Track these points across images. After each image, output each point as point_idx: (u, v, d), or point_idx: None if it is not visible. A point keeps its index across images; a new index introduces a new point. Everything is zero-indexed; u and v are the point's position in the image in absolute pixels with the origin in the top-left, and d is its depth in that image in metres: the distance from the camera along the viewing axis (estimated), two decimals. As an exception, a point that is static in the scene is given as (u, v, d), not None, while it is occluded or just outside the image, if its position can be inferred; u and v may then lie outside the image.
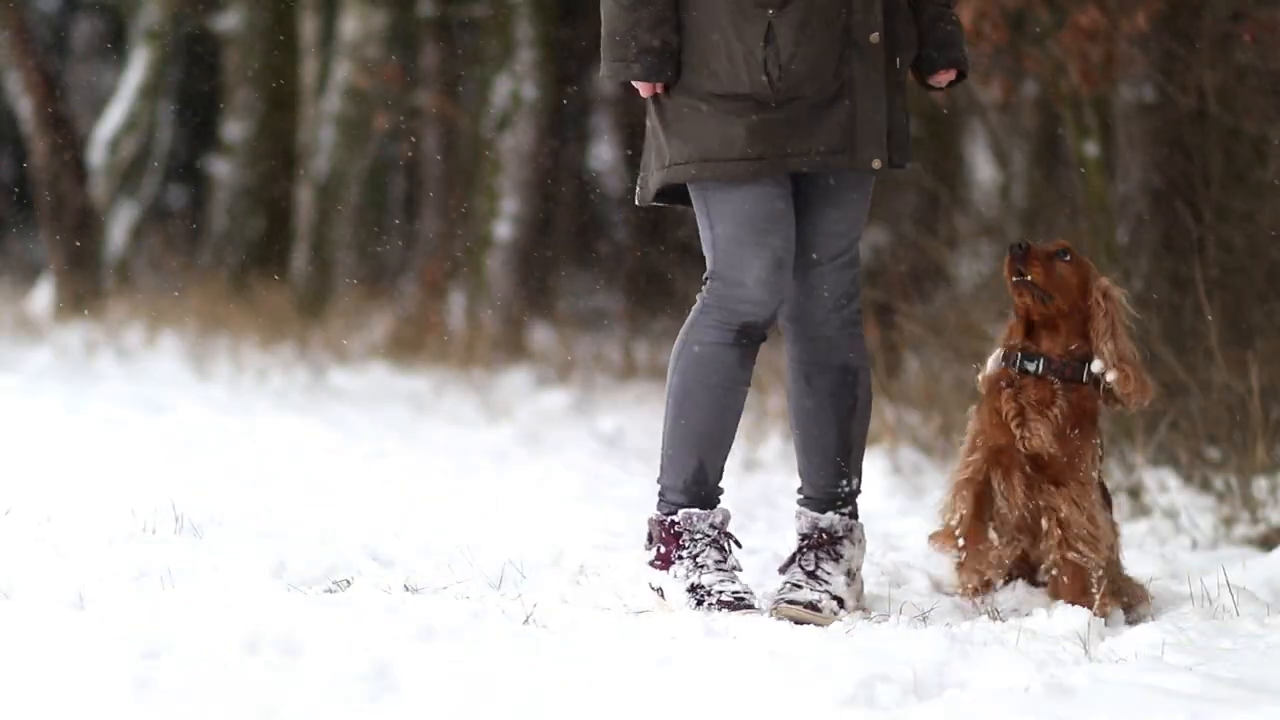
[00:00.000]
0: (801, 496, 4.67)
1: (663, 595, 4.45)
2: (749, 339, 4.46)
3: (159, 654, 3.57)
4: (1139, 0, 6.88)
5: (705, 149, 4.37)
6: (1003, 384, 4.61)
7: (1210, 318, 6.27)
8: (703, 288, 4.49)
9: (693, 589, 4.43)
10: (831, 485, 4.62)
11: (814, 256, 4.51)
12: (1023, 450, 4.57)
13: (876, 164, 4.42)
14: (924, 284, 8.88)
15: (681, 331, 4.51)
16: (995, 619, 4.43)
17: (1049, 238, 5.48)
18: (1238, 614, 4.53)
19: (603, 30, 4.41)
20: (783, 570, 4.61)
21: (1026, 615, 4.44)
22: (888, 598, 4.68)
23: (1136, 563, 5.35)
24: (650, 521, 4.55)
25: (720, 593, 4.41)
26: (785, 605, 4.43)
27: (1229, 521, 5.92)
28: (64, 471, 6.23)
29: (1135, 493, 6.28)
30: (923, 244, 8.85)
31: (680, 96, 4.41)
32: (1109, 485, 6.45)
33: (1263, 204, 6.82)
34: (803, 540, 4.61)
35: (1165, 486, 6.30)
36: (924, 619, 4.44)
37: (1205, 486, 6.23)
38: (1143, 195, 8.05)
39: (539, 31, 12.24)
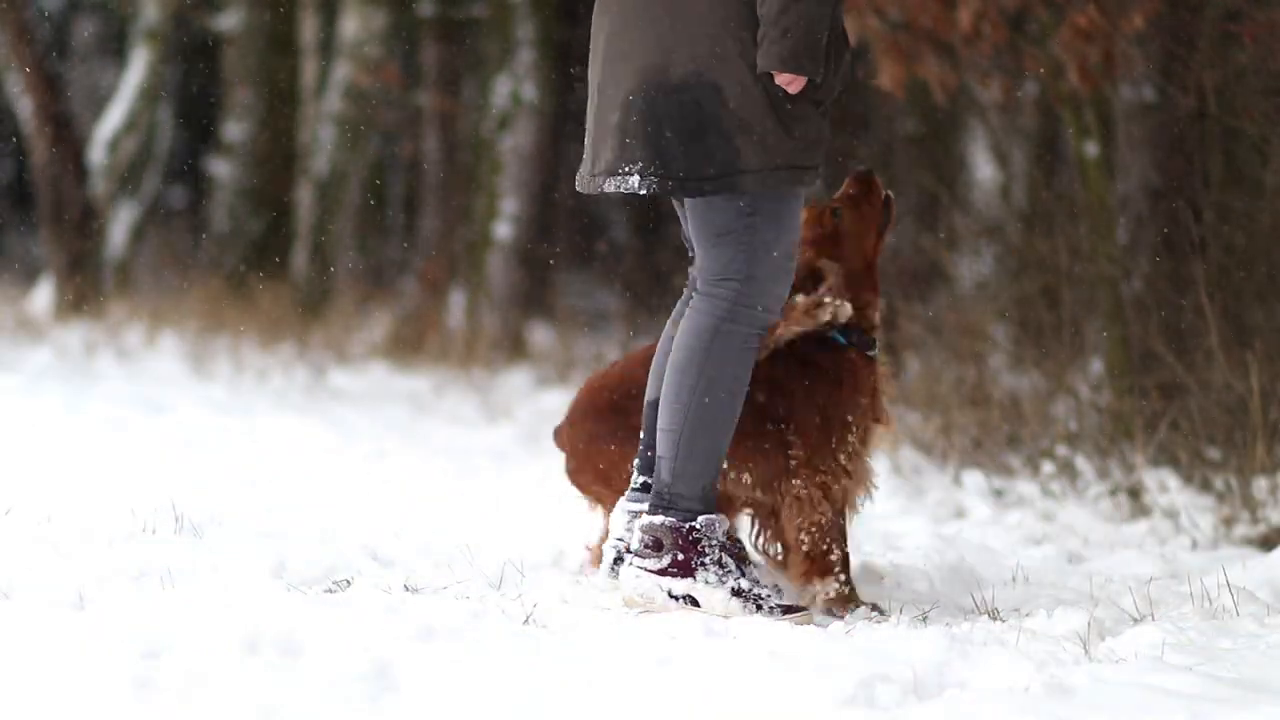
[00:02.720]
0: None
1: (693, 603, 4.36)
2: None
3: (159, 654, 3.57)
4: (1137, 0, 6.88)
5: (817, 155, 4.33)
6: None
7: (1210, 318, 6.27)
8: (722, 291, 4.37)
9: (738, 593, 4.36)
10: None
11: None
12: None
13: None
14: (924, 284, 8.88)
15: (703, 347, 4.36)
16: (995, 619, 4.43)
17: (1049, 238, 5.49)
18: (1238, 614, 4.53)
19: (806, 33, 4.20)
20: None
21: (1026, 615, 4.44)
22: (888, 598, 4.68)
23: (1136, 563, 5.35)
24: (659, 528, 4.38)
25: (769, 597, 4.38)
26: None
27: (1229, 521, 5.92)
28: (64, 471, 6.23)
29: (1135, 493, 6.28)
30: (923, 244, 8.85)
31: (799, 98, 4.32)
32: (1109, 486, 6.45)
33: (1263, 204, 6.82)
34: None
35: (1165, 486, 6.30)
36: (924, 619, 4.44)
37: (1205, 486, 6.23)
38: (1143, 195, 8.05)
39: (539, 31, 12.25)
